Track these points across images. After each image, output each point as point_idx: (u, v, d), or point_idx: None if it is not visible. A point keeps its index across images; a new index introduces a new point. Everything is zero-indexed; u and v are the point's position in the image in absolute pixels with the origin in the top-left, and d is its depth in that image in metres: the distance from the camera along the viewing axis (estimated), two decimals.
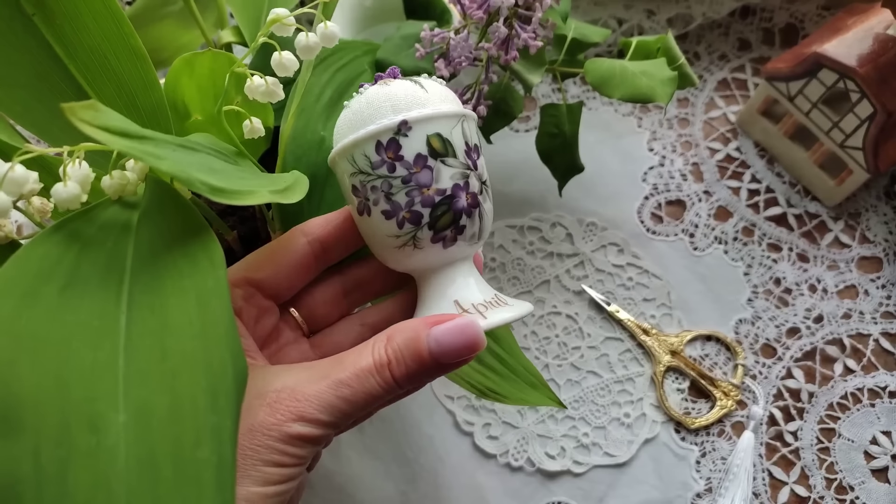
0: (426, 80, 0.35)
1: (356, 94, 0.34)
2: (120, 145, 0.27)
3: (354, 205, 0.34)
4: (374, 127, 0.32)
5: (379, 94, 0.33)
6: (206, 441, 0.23)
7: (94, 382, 0.24)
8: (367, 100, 0.33)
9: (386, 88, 0.33)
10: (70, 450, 0.23)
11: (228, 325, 0.25)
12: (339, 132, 0.34)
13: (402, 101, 0.33)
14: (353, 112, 0.33)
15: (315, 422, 0.30)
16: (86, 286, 0.27)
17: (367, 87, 0.34)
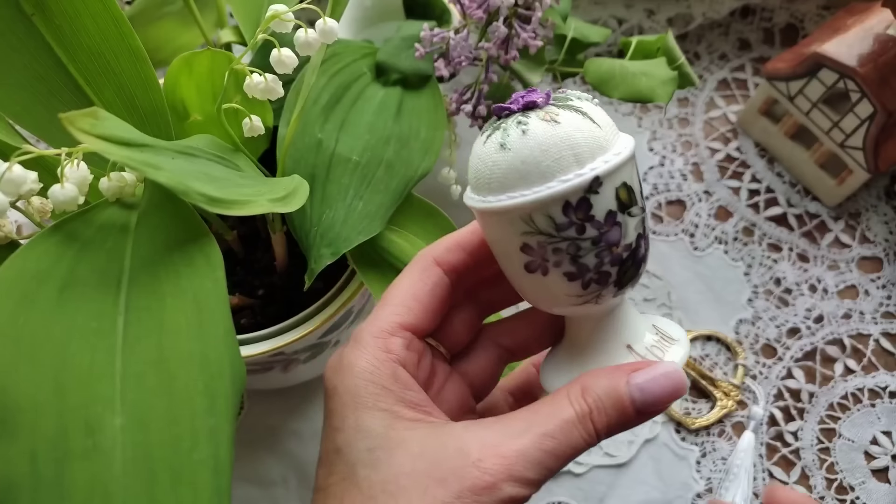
0: (587, 104, 0.29)
1: (507, 129, 0.28)
2: (118, 155, 0.27)
3: (521, 262, 0.29)
4: (562, 187, 0.27)
5: (554, 138, 0.27)
6: (203, 443, 0.23)
7: (91, 384, 0.24)
8: (540, 145, 0.27)
9: (558, 129, 0.27)
10: (67, 452, 0.23)
11: (226, 327, 0.25)
12: (502, 181, 0.28)
13: (583, 147, 0.27)
14: (523, 160, 0.27)
15: (524, 481, 0.27)
16: (84, 288, 0.27)
17: (522, 121, 0.28)
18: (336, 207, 0.41)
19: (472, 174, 0.29)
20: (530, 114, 0.28)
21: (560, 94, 0.29)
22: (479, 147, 0.29)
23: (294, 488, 0.54)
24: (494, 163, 0.28)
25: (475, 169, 0.29)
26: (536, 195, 0.27)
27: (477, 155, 0.29)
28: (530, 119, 0.27)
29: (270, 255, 0.47)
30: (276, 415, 0.56)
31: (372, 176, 0.42)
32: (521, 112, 0.28)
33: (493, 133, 0.28)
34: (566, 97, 0.29)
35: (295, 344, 0.42)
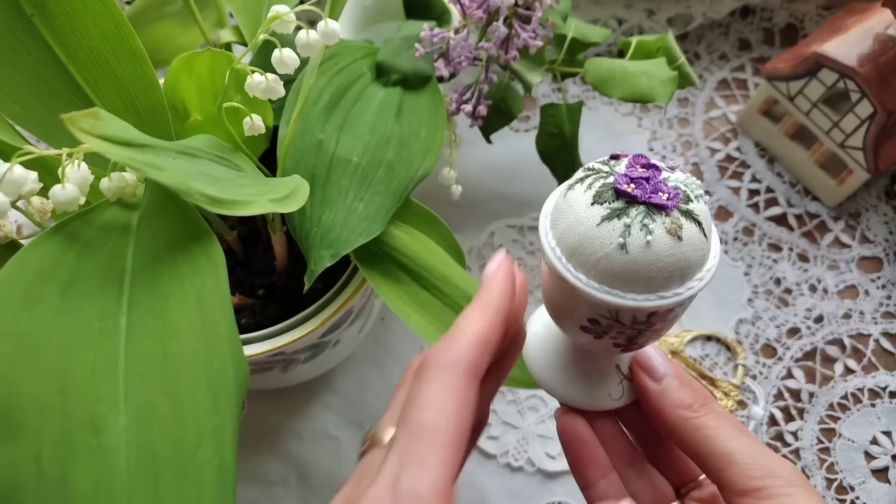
0: (701, 204, 0.29)
1: (631, 229, 0.27)
2: (119, 156, 0.27)
3: (580, 323, 0.31)
4: (659, 303, 0.28)
5: (672, 258, 0.28)
6: (208, 442, 0.23)
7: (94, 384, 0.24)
8: (658, 261, 0.28)
9: (678, 249, 0.28)
10: (71, 452, 0.23)
11: (229, 326, 0.25)
12: (607, 274, 0.28)
13: (691, 266, 0.28)
14: (637, 269, 0.28)
15: None
16: (86, 288, 0.27)
17: (648, 226, 0.27)
18: (336, 209, 0.41)
19: (573, 243, 0.29)
20: (656, 219, 0.27)
21: (680, 186, 0.29)
22: (586, 216, 0.28)
23: (294, 488, 0.54)
24: (606, 255, 0.28)
25: (578, 241, 0.28)
26: (635, 302, 0.28)
27: (584, 227, 0.28)
28: (656, 227, 0.27)
29: (270, 255, 0.47)
30: (276, 415, 0.56)
31: (372, 177, 0.42)
32: (647, 209, 0.28)
33: (610, 218, 0.28)
34: (686, 193, 0.28)
35: (295, 344, 0.42)
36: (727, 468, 0.31)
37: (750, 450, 0.31)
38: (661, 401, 0.33)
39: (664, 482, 0.37)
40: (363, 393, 0.57)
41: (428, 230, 0.44)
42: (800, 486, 0.30)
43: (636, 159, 0.29)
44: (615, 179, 0.28)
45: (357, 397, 0.57)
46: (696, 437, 0.32)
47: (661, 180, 0.28)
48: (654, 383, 0.33)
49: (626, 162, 0.29)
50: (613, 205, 0.28)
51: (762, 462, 0.31)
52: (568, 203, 0.29)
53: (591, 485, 0.35)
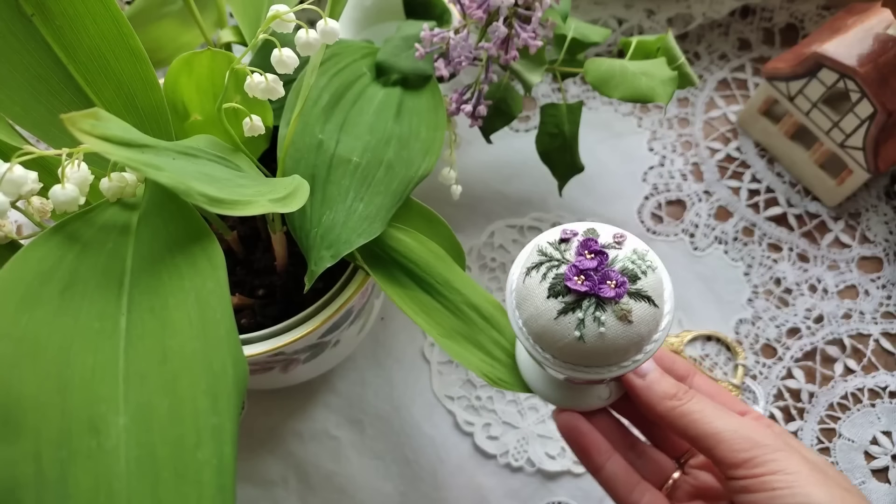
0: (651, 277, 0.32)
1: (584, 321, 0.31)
2: (120, 156, 0.27)
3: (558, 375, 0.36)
4: (623, 370, 0.33)
5: (625, 339, 0.31)
6: (207, 442, 0.23)
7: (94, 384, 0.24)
8: (614, 344, 0.31)
9: (630, 330, 0.31)
10: (71, 452, 0.23)
11: (229, 327, 0.25)
12: (570, 358, 0.32)
13: (644, 336, 0.32)
14: (596, 353, 0.32)
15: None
16: (86, 288, 0.27)
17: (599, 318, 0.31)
18: (336, 209, 0.41)
19: (537, 330, 0.33)
20: (607, 308, 0.31)
21: (628, 266, 0.32)
22: (545, 309, 0.32)
23: (294, 488, 0.54)
24: (567, 344, 0.32)
25: (541, 330, 0.32)
26: (599, 375, 0.33)
27: (544, 319, 0.32)
28: (607, 318, 0.31)
29: (270, 255, 0.47)
30: (276, 415, 0.57)
31: (372, 177, 0.42)
32: (598, 300, 0.31)
33: (564, 312, 0.31)
34: (633, 272, 0.31)
35: (295, 344, 0.42)
36: (716, 446, 0.34)
37: (733, 426, 0.35)
38: (648, 395, 0.37)
39: (663, 457, 0.42)
40: (363, 393, 0.57)
41: (429, 230, 0.44)
42: (783, 450, 0.34)
43: (584, 245, 0.32)
44: (566, 273, 0.31)
45: (357, 397, 0.57)
46: (684, 422, 0.36)
47: (609, 265, 0.31)
48: (640, 380, 0.37)
49: (575, 247, 0.32)
50: (566, 299, 0.31)
51: (746, 435, 0.34)
52: (528, 290, 0.33)
53: (600, 468, 0.39)
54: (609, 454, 0.39)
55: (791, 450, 0.34)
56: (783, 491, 0.33)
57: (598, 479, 0.40)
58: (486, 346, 0.41)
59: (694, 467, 0.41)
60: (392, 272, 0.42)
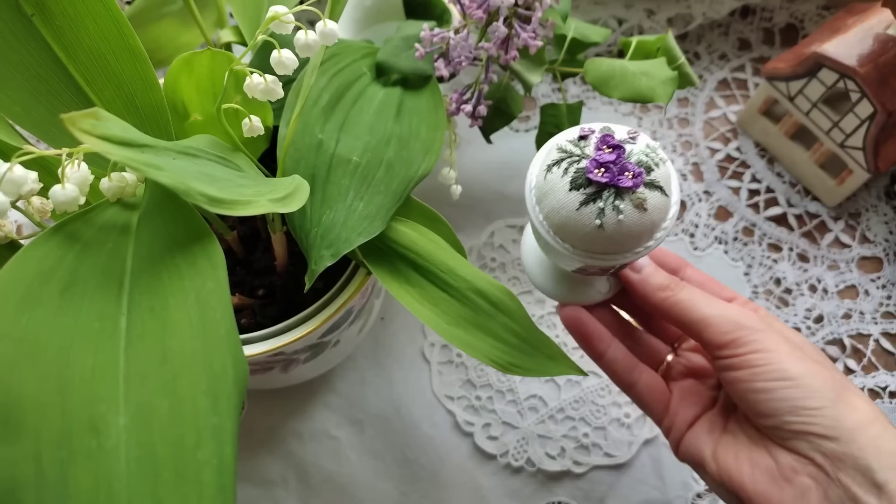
0: (663, 168, 0.35)
1: (605, 210, 0.33)
2: (120, 156, 0.27)
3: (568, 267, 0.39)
4: (636, 256, 0.36)
5: (641, 226, 0.34)
6: (207, 442, 0.23)
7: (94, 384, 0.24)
8: (630, 230, 0.34)
9: (646, 218, 0.34)
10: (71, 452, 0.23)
11: (229, 327, 0.25)
12: (590, 245, 0.35)
13: (657, 223, 0.35)
14: (614, 240, 0.34)
15: None
16: (86, 288, 0.27)
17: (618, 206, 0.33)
18: (336, 208, 0.41)
19: (558, 222, 0.35)
20: (625, 198, 0.33)
21: (643, 159, 0.34)
22: (567, 201, 0.34)
23: (294, 488, 0.54)
24: (587, 233, 0.34)
25: (563, 221, 0.35)
26: (614, 261, 0.35)
27: (566, 210, 0.34)
28: (625, 207, 0.33)
29: (270, 255, 0.47)
30: (276, 415, 0.57)
31: (372, 177, 0.42)
32: (616, 190, 0.33)
33: (586, 202, 0.34)
34: (647, 164, 0.34)
35: (295, 344, 0.42)
36: (704, 330, 0.38)
37: (719, 311, 0.38)
38: (644, 287, 0.40)
39: (658, 342, 0.46)
40: (363, 393, 0.57)
41: (429, 229, 0.44)
42: (764, 331, 0.37)
43: (603, 140, 0.34)
44: (587, 166, 0.34)
45: (357, 397, 0.57)
46: (676, 311, 0.39)
47: (626, 158, 0.34)
48: (636, 274, 0.41)
49: (594, 142, 0.35)
50: (588, 190, 0.34)
51: (731, 318, 0.38)
52: (549, 185, 0.35)
53: (602, 354, 0.43)
54: (609, 341, 0.43)
55: (771, 330, 0.38)
56: (762, 367, 0.36)
57: (601, 365, 0.43)
58: (497, 331, 0.40)
59: (686, 350, 0.45)
60: (394, 264, 0.42)
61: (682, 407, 0.42)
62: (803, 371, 0.36)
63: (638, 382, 0.43)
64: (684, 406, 0.42)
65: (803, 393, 0.35)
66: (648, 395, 0.43)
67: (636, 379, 0.43)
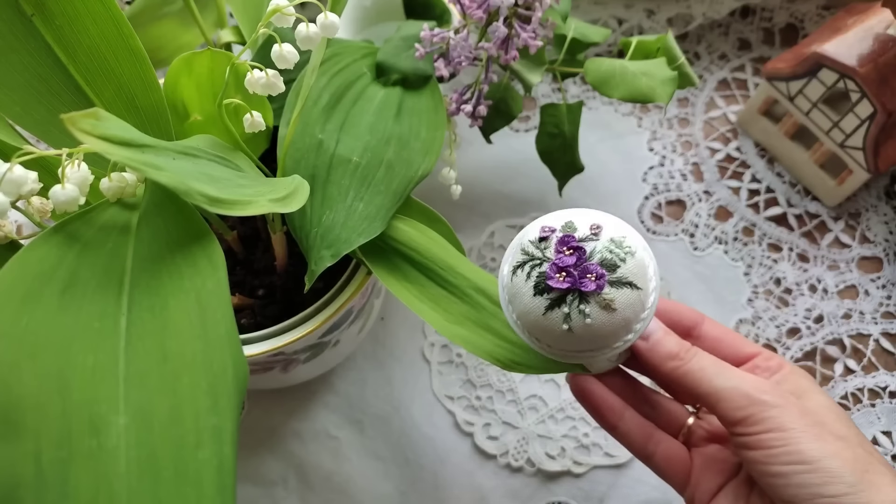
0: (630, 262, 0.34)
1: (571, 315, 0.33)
2: (120, 156, 0.27)
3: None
4: (616, 351, 0.35)
5: (612, 325, 0.33)
6: (207, 442, 0.23)
7: (94, 384, 0.24)
8: (601, 330, 0.33)
9: (615, 317, 0.33)
10: (71, 452, 0.23)
11: (229, 326, 0.25)
12: (564, 346, 0.35)
13: (630, 319, 0.34)
14: (586, 340, 0.34)
15: None
16: (86, 288, 0.27)
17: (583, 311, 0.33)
18: (336, 209, 0.41)
19: (529, 324, 0.35)
20: (590, 300, 0.33)
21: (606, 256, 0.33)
22: (533, 306, 0.34)
23: (294, 488, 0.54)
24: (558, 337, 0.34)
25: (532, 324, 0.35)
26: (594, 357, 0.36)
27: (533, 315, 0.34)
28: (591, 310, 0.33)
29: (270, 255, 0.47)
30: (276, 415, 0.57)
31: (372, 177, 0.42)
32: (580, 294, 0.33)
33: (551, 308, 0.33)
34: (611, 262, 0.33)
35: (295, 344, 0.42)
36: (717, 404, 0.36)
37: (732, 383, 0.36)
38: (653, 357, 0.37)
39: (677, 405, 0.43)
40: (363, 393, 0.57)
41: (429, 228, 0.44)
42: (780, 407, 0.35)
43: (562, 242, 0.34)
44: (547, 272, 0.33)
45: (357, 397, 0.57)
46: (686, 382, 0.37)
47: (588, 259, 0.33)
48: (644, 343, 0.37)
49: (554, 244, 0.34)
50: (551, 296, 0.34)
51: (745, 392, 0.35)
52: (516, 288, 0.35)
53: (614, 426, 0.40)
54: (621, 412, 0.40)
55: (789, 405, 0.35)
56: (778, 449, 0.34)
57: (614, 436, 0.41)
58: (498, 329, 0.40)
59: (707, 412, 0.42)
60: (393, 262, 0.41)
61: (704, 477, 0.40)
62: (822, 452, 0.33)
63: (655, 454, 0.41)
64: (707, 476, 0.40)
65: (822, 478, 0.33)
66: (667, 467, 0.41)
67: (653, 450, 0.41)
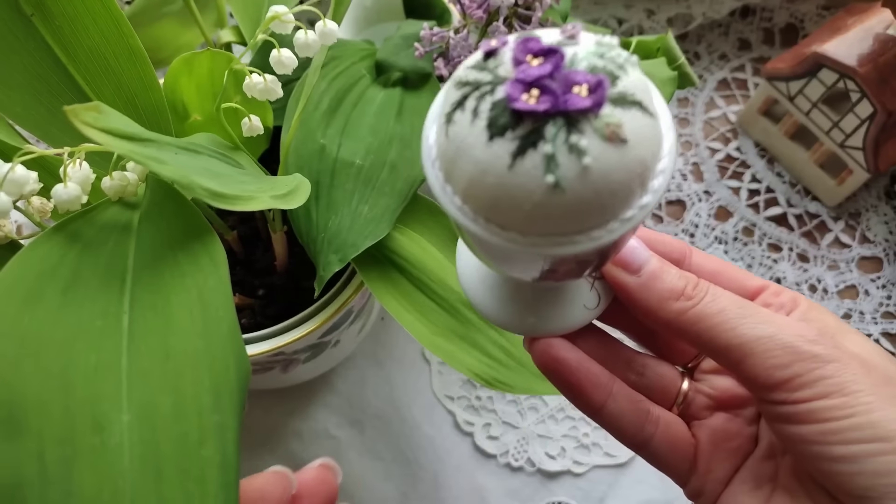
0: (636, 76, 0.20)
1: (556, 155, 0.19)
2: (122, 149, 0.27)
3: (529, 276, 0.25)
4: (628, 225, 0.21)
5: (624, 170, 0.20)
6: (210, 439, 0.23)
7: (97, 383, 0.24)
8: (608, 184, 0.20)
9: (627, 155, 0.20)
10: (74, 450, 0.23)
11: (231, 324, 0.25)
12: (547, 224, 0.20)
13: (648, 163, 0.21)
14: (587, 205, 0.20)
15: None
16: (87, 287, 0.27)
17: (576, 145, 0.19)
18: (342, 213, 0.41)
19: (487, 200, 0.21)
20: (585, 128, 0.19)
21: (598, 64, 0.20)
22: (490, 160, 0.20)
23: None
24: (539, 204, 0.20)
25: (493, 196, 0.20)
26: (595, 242, 0.21)
27: (492, 175, 0.20)
28: (589, 143, 0.19)
29: (270, 255, 0.47)
30: (276, 415, 0.56)
31: (376, 179, 0.42)
32: (566, 120, 0.19)
33: (522, 151, 0.19)
34: (609, 70, 0.20)
35: (295, 344, 0.42)
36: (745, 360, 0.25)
37: (768, 331, 0.25)
38: (647, 296, 0.27)
39: (668, 367, 0.32)
40: (363, 393, 0.57)
41: (433, 222, 0.43)
42: (838, 361, 0.25)
43: (524, 48, 0.20)
44: (508, 94, 0.19)
45: (357, 397, 0.57)
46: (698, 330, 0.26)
47: (569, 65, 0.20)
48: (633, 277, 0.27)
49: (509, 56, 0.20)
50: (519, 131, 0.19)
51: (786, 343, 0.25)
52: (455, 144, 0.21)
53: (600, 408, 0.29)
54: (609, 386, 0.29)
55: (847, 358, 0.25)
56: (840, 422, 0.24)
57: (599, 421, 0.30)
58: (483, 345, 0.40)
59: (707, 372, 0.32)
60: (384, 269, 0.42)
61: (714, 460, 0.30)
62: None
63: (653, 438, 0.30)
64: (718, 458, 0.30)
65: None
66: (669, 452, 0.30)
67: (650, 434, 0.30)
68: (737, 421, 0.30)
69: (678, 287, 0.27)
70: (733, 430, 0.30)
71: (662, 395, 0.31)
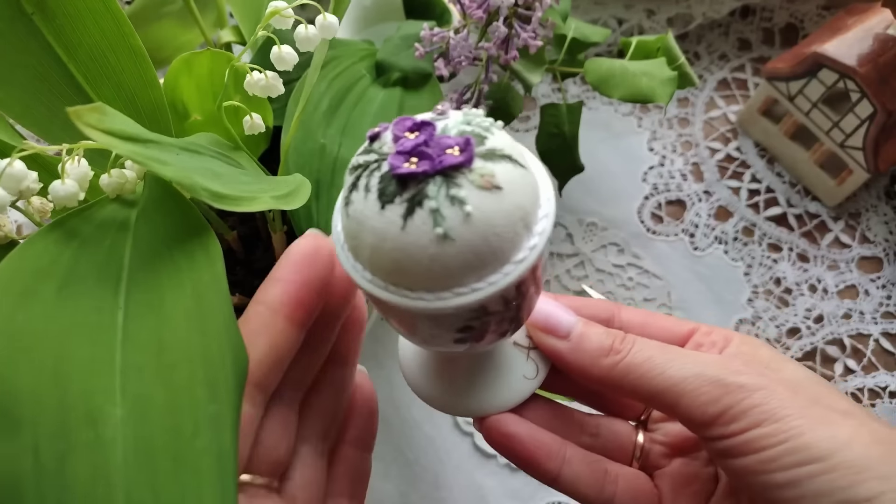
0: (500, 135, 0.23)
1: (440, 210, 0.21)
2: (125, 150, 0.27)
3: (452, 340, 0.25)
4: (524, 266, 0.23)
5: (503, 213, 0.22)
6: (205, 430, 0.23)
7: (91, 377, 0.24)
8: (492, 227, 0.22)
9: (505, 200, 0.22)
10: (69, 444, 0.23)
11: (227, 316, 0.25)
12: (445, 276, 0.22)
13: (527, 208, 0.23)
14: (476, 251, 0.22)
15: None
16: (83, 284, 0.27)
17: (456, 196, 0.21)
18: None
19: (388, 265, 0.23)
20: (461, 181, 0.21)
21: (465, 129, 0.23)
22: (384, 226, 0.22)
23: None
24: (434, 257, 0.21)
25: (393, 260, 0.22)
26: (495, 287, 0.22)
27: (389, 240, 0.22)
28: (465, 191, 0.21)
29: (270, 255, 0.47)
30: None
31: None
32: (444, 178, 0.21)
33: (411, 211, 0.21)
34: (476, 133, 0.23)
35: None
36: (679, 401, 0.26)
37: (693, 370, 0.26)
38: (580, 358, 0.28)
39: (621, 423, 0.33)
40: None
41: None
42: (765, 389, 0.25)
43: (399, 126, 0.23)
44: (391, 164, 0.22)
45: None
46: (631, 381, 0.27)
47: (442, 134, 0.23)
48: (565, 342, 0.29)
49: (389, 136, 0.23)
50: (406, 195, 0.22)
51: (712, 378, 0.26)
52: (356, 220, 0.23)
53: (556, 476, 0.30)
54: (561, 454, 0.30)
55: (773, 383, 0.26)
56: (775, 448, 0.24)
57: (558, 488, 0.30)
58: None
59: (659, 421, 0.33)
60: None
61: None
62: (836, 441, 0.24)
63: (615, 497, 0.30)
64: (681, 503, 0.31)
65: (846, 476, 0.23)
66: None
67: (611, 493, 0.30)
68: (694, 464, 0.31)
69: (606, 344, 0.28)
70: (692, 474, 0.31)
71: (620, 451, 0.32)
